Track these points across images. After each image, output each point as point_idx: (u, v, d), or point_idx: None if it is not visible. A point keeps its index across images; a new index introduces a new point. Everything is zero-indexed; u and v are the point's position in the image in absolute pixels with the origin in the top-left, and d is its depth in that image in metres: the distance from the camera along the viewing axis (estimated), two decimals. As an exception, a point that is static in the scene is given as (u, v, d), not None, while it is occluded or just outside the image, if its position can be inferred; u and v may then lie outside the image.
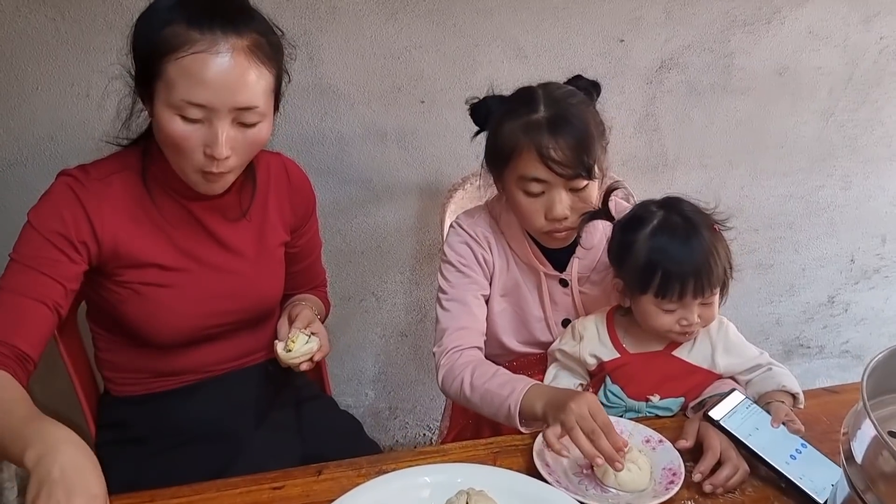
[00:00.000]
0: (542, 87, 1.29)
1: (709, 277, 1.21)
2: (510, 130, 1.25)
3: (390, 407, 2.24)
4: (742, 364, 1.30)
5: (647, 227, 1.24)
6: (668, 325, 1.25)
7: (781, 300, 2.45)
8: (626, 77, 1.99)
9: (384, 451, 1.40)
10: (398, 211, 1.99)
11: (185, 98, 1.07)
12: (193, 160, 1.13)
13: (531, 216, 1.28)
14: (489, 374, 1.26)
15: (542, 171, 1.23)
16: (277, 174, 1.36)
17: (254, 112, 1.11)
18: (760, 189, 2.23)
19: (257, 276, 1.32)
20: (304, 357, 1.24)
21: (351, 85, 1.82)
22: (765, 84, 2.09)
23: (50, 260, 1.14)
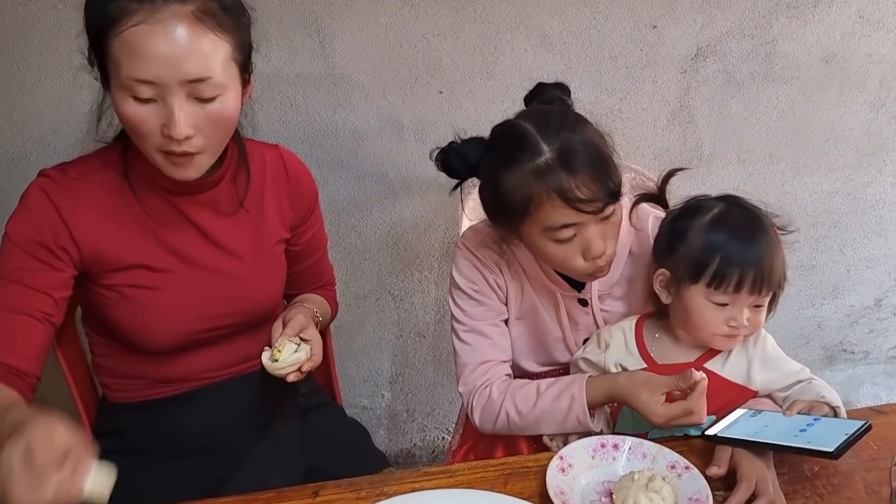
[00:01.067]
0: (527, 119, 1.14)
1: (770, 275, 1.11)
2: (518, 181, 1.11)
3: (408, 409, 2.17)
4: (781, 380, 1.19)
5: (705, 215, 1.15)
6: (715, 323, 1.14)
7: (824, 303, 2.32)
8: (658, 66, 1.88)
9: (392, 466, 1.32)
10: (415, 207, 1.91)
11: (130, 75, 0.99)
12: (154, 142, 1.05)
13: (568, 262, 1.16)
14: (533, 393, 1.21)
15: (570, 215, 1.10)
16: (274, 167, 1.28)
17: (209, 84, 1.02)
18: (803, 185, 2.11)
19: (253, 277, 1.25)
20: (292, 368, 1.15)
21: (365, 74, 1.75)
22: (810, 73, 1.96)
23: (32, 271, 1.10)
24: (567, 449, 1.09)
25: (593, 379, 1.20)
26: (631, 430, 1.21)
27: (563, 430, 1.19)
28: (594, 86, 1.86)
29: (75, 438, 0.85)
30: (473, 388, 1.25)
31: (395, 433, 2.20)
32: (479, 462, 1.12)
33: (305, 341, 1.19)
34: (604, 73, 1.85)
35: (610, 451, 1.11)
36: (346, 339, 2.00)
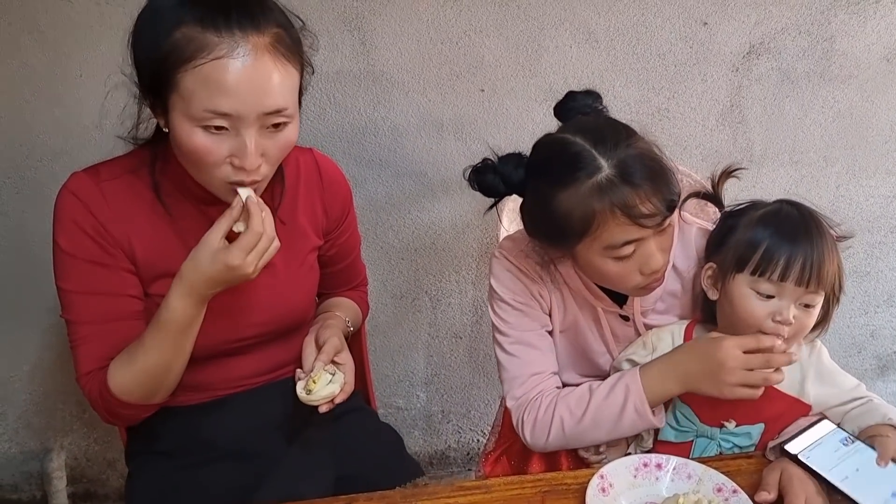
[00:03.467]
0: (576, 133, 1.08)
1: (819, 268, 1.06)
2: (576, 201, 1.05)
3: (443, 410, 2.15)
4: (837, 396, 1.14)
5: (758, 211, 1.13)
6: (760, 315, 1.08)
7: (878, 311, 2.22)
8: (709, 64, 1.81)
9: (425, 475, 1.29)
10: (454, 206, 1.88)
11: (207, 108, 0.97)
12: (220, 173, 1.03)
13: (625, 279, 1.11)
14: (586, 393, 1.17)
15: (633, 231, 1.06)
16: (308, 172, 1.26)
17: (283, 115, 1.01)
18: (859, 188, 2.02)
19: (286, 287, 1.23)
20: (324, 400, 1.13)
21: (406, 72, 1.72)
22: (870, 71, 1.88)
23: (103, 278, 1.11)
24: (608, 468, 1.05)
25: (646, 365, 1.14)
26: (674, 438, 1.17)
27: (620, 429, 1.13)
28: (641, 84, 1.80)
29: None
30: (526, 401, 1.20)
31: (430, 434, 2.17)
32: (516, 477, 1.09)
33: (338, 364, 1.16)
34: (651, 71, 1.79)
35: (653, 470, 1.07)
36: (381, 338, 1.98)
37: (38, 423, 1.92)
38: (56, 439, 1.94)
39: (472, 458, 2.20)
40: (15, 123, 1.63)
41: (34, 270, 1.67)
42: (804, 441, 1.04)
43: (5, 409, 1.89)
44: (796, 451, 1.02)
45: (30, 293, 1.74)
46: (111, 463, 1.98)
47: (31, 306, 1.76)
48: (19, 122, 1.63)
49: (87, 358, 1.12)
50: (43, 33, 1.56)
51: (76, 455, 1.97)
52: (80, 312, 1.12)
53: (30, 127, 1.63)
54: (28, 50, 1.57)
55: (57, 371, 1.85)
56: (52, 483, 1.92)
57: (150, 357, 1.09)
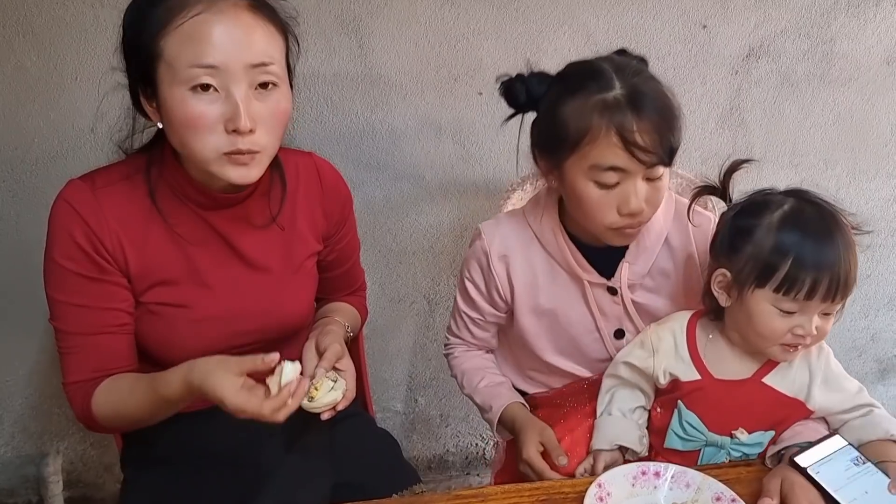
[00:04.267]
0: (604, 60, 1.12)
1: (846, 280, 1.03)
2: (578, 111, 1.07)
3: (441, 414, 2.14)
4: (842, 402, 1.12)
5: (773, 212, 1.06)
6: (780, 331, 1.06)
7: (879, 314, 2.22)
8: (708, 66, 1.81)
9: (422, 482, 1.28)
10: (453, 210, 1.87)
11: (193, 63, 0.99)
12: (215, 142, 1.02)
13: (601, 211, 1.11)
14: (474, 383, 1.36)
15: (622, 158, 1.06)
16: (308, 176, 1.25)
17: (269, 71, 1.02)
18: (860, 191, 2.01)
19: (283, 293, 1.22)
20: (327, 408, 1.12)
21: (404, 74, 1.71)
22: (870, 74, 1.88)
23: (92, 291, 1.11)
24: (606, 476, 1.04)
25: (511, 409, 1.28)
26: (681, 447, 1.15)
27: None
28: (640, 87, 1.79)
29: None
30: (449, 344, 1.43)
31: (429, 438, 2.16)
32: (513, 486, 1.08)
33: (339, 371, 1.15)
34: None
35: (651, 479, 1.06)
36: (380, 342, 1.97)
37: (35, 427, 1.91)
38: (52, 443, 1.93)
39: (471, 463, 2.19)
40: (9, 126, 1.62)
41: (29, 274, 1.63)
42: (815, 455, 1.02)
43: (1, 413, 1.88)
44: (806, 465, 1.00)
45: (25, 297, 1.73)
46: (108, 467, 1.97)
47: (26, 310, 1.75)
48: (14, 126, 1.62)
49: (73, 368, 1.13)
50: (37, 36, 1.55)
51: (72, 459, 1.96)
52: (68, 322, 1.12)
53: (24, 130, 1.62)
54: (22, 52, 1.56)
55: (53, 375, 1.83)
56: (48, 487, 1.91)
57: (136, 411, 1.12)
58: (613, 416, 1.19)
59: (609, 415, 1.20)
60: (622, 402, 1.20)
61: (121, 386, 1.12)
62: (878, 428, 1.07)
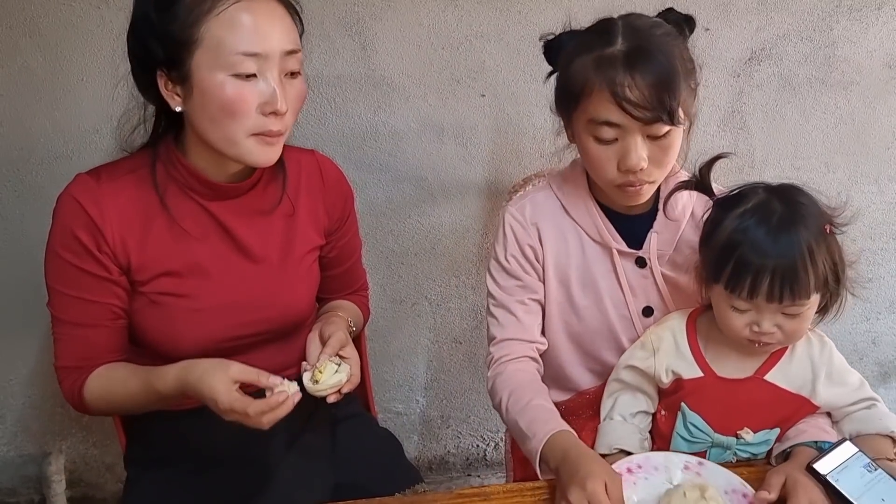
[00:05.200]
0: (623, 17, 1.14)
1: (792, 283, 1.00)
2: (580, 66, 1.10)
3: (442, 416, 2.14)
4: (845, 396, 1.11)
5: (743, 206, 1.05)
6: (739, 328, 1.06)
7: (880, 318, 2.22)
8: (710, 69, 1.80)
9: (424, 482, 1.29)
10: (454, 212, 1.87)
11: (238, 50, 1.03)
12: (250, 124, 1.07)
13: (602, 166, 1.12)
14: (522, 402, 1.17)
15: (615, 113, 1.06)
16: (310, 173, 1.27)
17: (296, 58, 1.09)
18: (861, 195, 2.01)
19: (283, 285, 1.23)
20: (332, 389, 1.12)
21: (406, 77, 1.71)
22: (871, 78, 1.87)
23: (89, 285, 1.14)
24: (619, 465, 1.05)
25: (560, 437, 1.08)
26: (686, 449, 1.14)
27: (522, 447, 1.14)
28: (642, 90, 1.79)
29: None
30: (493, 358, 1.25)
31: (429, 439, 2.16)
32: (516, 485, 1.08)
33: (344, 359, 1.16)
34: (652, 76, 1.79)
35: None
36: (381, 343, 1.97)
37: (37, 426, 1.91)
38: (54, 443, 1.93)
39: (472, 464, 2.19)
40: (15, 127, 1.63)
41: (32, 274, 1.64)
42: (831, 462, 1.01)
43: (3, 412, 1.89)
44: (825, 472, 1.00)
45: (28, 297, 1.73)
46: (110, 467, 1.98)
47: (29, 310, 1.75)
48: (19, 126, 1.63)
49: (63, 354, 1.18)
50: (43, 36, 1.56)
51: (74, 459, 1.96)
52: (62, 310, 1.16)
53: (29, 130, 1.63)
54: (28, 53, 1.57)
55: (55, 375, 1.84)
56: (50, 487, 1.91)
57: (127, 401, 1.17)
58: (615, 420, 1.18)
59: (611, 420, 1.19)
60: (623, 407, 1.19)
61: (116, 376, 1.16)
62: (879, 423, 1.08)
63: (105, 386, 1.17)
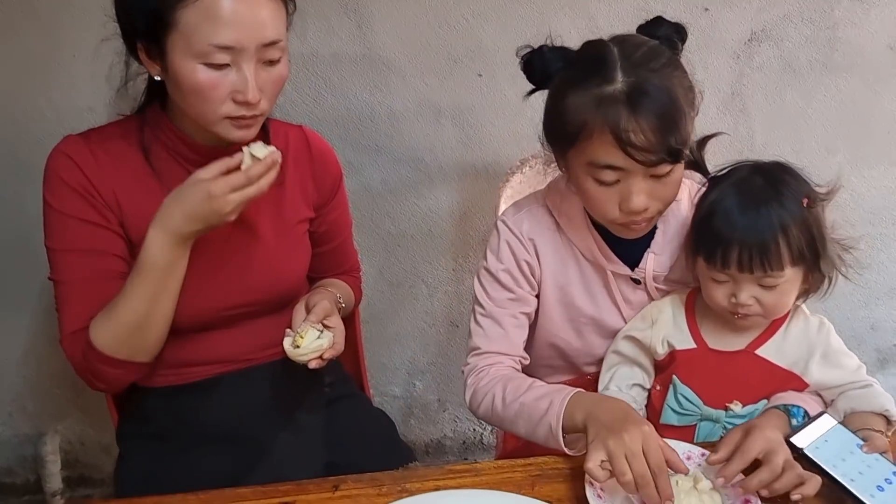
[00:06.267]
0: (618, 44, 1.06)
1: (762, 253, 1.02)
2: (578, 104, 1.02)
3: (439, 399, 2.13)
4: (839, 378, 1.11)
5: (727, 180, 1.08)
6: (719, 298, 1.08)
7: (879, 304, 2.20)
8: (710, 51, 1.79)
9: (418, 461, 1.29)
10: (452, 194, 1.86)
11: (211, 42, 1.00)
12: (222, 109, 1.05)
13: (602, 207, 1.08)
14: (524, 387, 1.12)
15: (618, 158, 1.01)
16: (297, 145, 1.26)
17: (278, 47, 1.06)
18: (862, 180, 1.99)
19: (275, 254, 1.22)
20: (314, 354, 1.12)
21: (403, 56, 1.70)
22: (873, 60, 1.85)
23: (92, 235, 1.12)
24: None
25: (585, 393, 1.07)
26: (676, 422, 1.15)
27: (535, 437, 1.08)
28: (641, 71, 1.78)
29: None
30: (474, 367, 1.20)
31: (426, 423, 2.16)
32: (506, 462, 1.07)
33: (328, 328, 1.15)
34: (652, 58, 1.77)
35: None
36: (378, 326, 1.97)
37: (33, 407, 1.91)
38: (50, 423, 1.93)
39: (468, 448, 2.19)
40: (9, 105, 1.62)
41: (29, 254, 1.65)
42: (809, 435, 1.01)
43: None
44: (803, 446, 0.99)
45: (25, 277, 1.74)
46: (106, 447, 1.98)
47: (26, 290, 1.76)
48: (13, 104, 1.62)
49: (72, 318, 1.13)
50: (37, 14, 1.55)
51: (70, 439, 1.96)
52: (67, 271, 1.13)
53: (24, 109, 1.62)
54: (22, 31, 1.56)
55: (51, 355, 1.84)
56: (46, 467, 1.91)
57: (130, 305, 1.09)
58: (610, 391, 1.20)
59: (607, 390, 1.20)
60: (620, 380, 1.20)
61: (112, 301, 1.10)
62: (875, 401, 1.07)
63: (105, 313, 1.10)
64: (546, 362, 1.29)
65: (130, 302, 1.09)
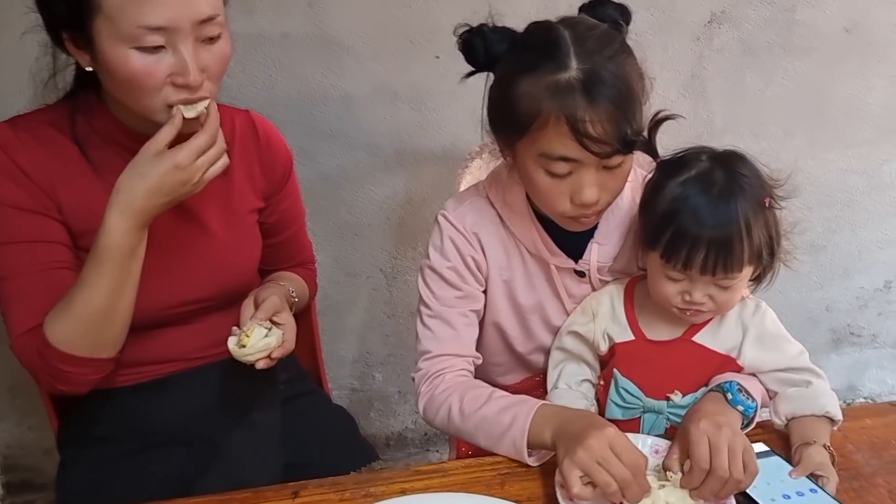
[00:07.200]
0: (568, 27, 0.99)
1: (726, 256, 0.99)
2: (530, 92, 0.97)
3: (400, 391, 2.10)
4: (774, 361, 1.09)
5: (685, 173, 1.03)
6: (670, 295, 1.05)
7: (833, 285, 2.24)
8: (670, 33, 1.77)
9: (380, 460, 1.24)
10: (410, 180, 1.81)
11: (140, 24, 0.91)
12: (162, 96, 0.97)
13: (553, 200, 1.03)
14: (483, 397, 1.07)
15: (573, 149, 0.96)
16: (244, 133, 1.19)
17: (215, 23, 0.97)
18: (818, 162, 2.01)
19: (225, 246, 1.16)
20: (261, 354, 1.05)
21: (357, 37, 1.63)
22: (830, 43, 1.86)
23: (33, 224, 1.03)
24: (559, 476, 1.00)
25: (549, 405, 1.03)
26: (621, 416, 1.13)
27: (498, 449, 1.03)
28: (602, 53, 1.75)
29: None
30: (426, 373, 1.13)
31: (387, 416, 2.12)
32: (475, 460, 1.03)
33: (278, 325, 1.09)
34: (612, 39, 1.74)
35: None
36: (335, 318, 1.91)
37: (-32, 411, 1.81)
38: (-12, 427, 1.84)
39: (430, 439, 2.16)
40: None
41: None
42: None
43: (-69, 397, 1.78)
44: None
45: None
46: (48, 451, 1.87)
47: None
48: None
49: (22, 315, 1.04)
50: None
51: (9, 444, 1.87)
52: (11, 265, 1.03)
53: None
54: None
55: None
56: (-16, 472, 1.82)
57: (90, 295, 1.00)
58: (560, 389, 1.18)
59: (556, 388, 1.18)
60: (569, 377, 1.19)
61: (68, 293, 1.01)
62: (815, 403, 1.05)
63: (61, 308, 1.01)
64: (496, 360, 1.25)
65: (91, 293, 0.99)
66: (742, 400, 1.01)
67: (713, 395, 1.04)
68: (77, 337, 1.01)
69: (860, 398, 2.45)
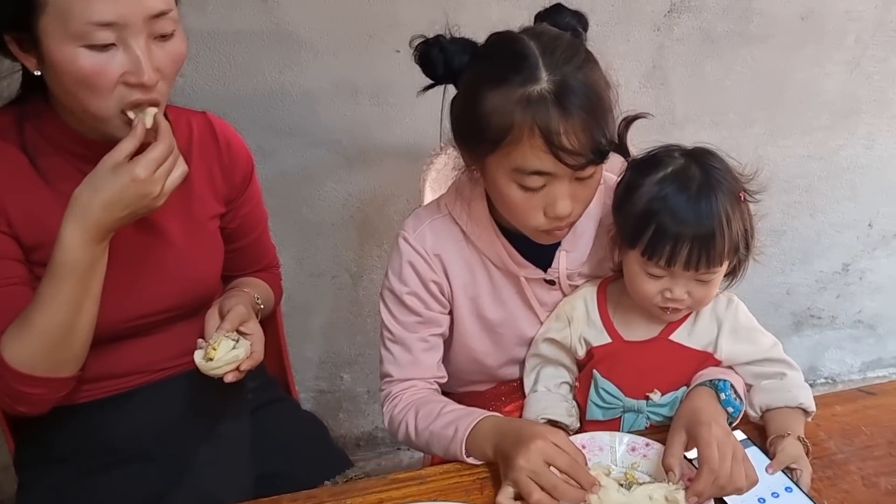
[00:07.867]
0: (533, 37, 0.98)
1: (709, 250, 1.00)
2: (500, 105, 0.94)
3: (369, 391, 2.07)
4: (750, 353, 1.10)
5: (660, 171, 1.03)
6: (650, 293, 1.05)
7: (794, 269, 2.28)
8: (631, 23, 1.76)
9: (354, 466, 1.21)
10: (372, 177, 1.78)
11: (88, 20, 0.87)
12: (115, 97, 0.92)
13: (527, 215, 1.01)
14: (434, 413, 1.08)
15: (548, 162, 0.94)
16: (202, 136, 1.14)
17: (169, 18, 0.93)
18: (777, 149, 2.03)
19: (186, 255, 1.12)
20: (229, 367, 1.02)
21: (314, 31, 1.59)
22: (786, 30, 1.87)
23: None
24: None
25: (489, 418, 1.03)
26: (601, 416, 1.13)
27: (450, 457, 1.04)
28: (563, 44, 1.74)
29: None
30: (388, 395, 1.16)
31: (356, 416, 2.09)
32: (453, 466, 1.02)
33: (245, 335, 1.05)
34: (573, 30, 1.73)
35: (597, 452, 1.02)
36: (301, 320, 1.87)
37: (-84, 430, 1.72)
38: (-61, 446, 1.75)
39: (401, 438, 2.14)
40: None
41: None
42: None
43: None
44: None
45: None
46: (4, 468, 1.80)
47: None
48: None
49: None
50: None
51: (-38, 463, 1.78)
52: None
53: None
54: None
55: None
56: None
57: (48, 313, 0.95)
58: (539, 392, 1.17)
59: (535, 391, 1.18)
60: (547, 380, 1.18)
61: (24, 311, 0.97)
62: (788, 394, 1.06)
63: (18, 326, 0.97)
64: (468, 377, 1.24)
65: (49, 310, 0.95)
66: (733, 402, 1.02)
67: (707, 393, 1.04)
68: (36, 356, 0.97)
69: (821, 378, 2.51)
